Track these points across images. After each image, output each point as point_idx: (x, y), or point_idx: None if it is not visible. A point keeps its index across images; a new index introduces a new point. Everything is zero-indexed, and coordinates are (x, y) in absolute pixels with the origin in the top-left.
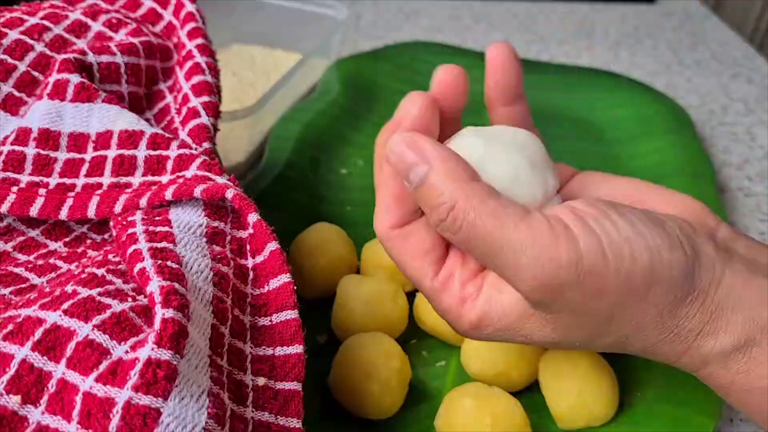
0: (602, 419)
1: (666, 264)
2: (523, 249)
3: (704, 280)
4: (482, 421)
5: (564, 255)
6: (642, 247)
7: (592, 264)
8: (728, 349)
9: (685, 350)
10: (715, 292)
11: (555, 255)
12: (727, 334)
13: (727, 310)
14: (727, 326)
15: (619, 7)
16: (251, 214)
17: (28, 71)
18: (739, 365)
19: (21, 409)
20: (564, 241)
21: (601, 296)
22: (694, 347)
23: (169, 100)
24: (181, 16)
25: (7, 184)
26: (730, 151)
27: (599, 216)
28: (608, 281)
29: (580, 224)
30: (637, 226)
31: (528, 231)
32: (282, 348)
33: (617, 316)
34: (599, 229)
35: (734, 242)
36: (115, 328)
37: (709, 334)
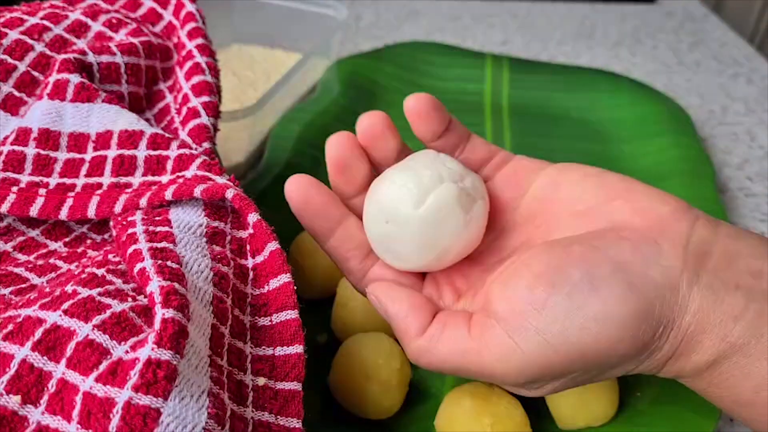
0: (602, 419)
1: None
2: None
3: (669, 310)
4: (482, 421)
5: (514, 364)
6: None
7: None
8: (701, 366)
9: (661, 369)
10: (683, 318)
11: (508, 367)
12: (698, 354)
13: (698, 333)
14: (699, 347)
15: (619, 7)
16: (251, 214)
17: (28, 71)
18: (711, 378)
19: (21, 409)
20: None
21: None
22: (667, 367)
23: (169, 100)
24: (181, 16)
25: (7, 184)
26: (730, 151)
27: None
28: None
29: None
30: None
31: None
32: (282, 348)
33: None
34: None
35: (710, 243)
36: (115, 328)
37: (680, 357)
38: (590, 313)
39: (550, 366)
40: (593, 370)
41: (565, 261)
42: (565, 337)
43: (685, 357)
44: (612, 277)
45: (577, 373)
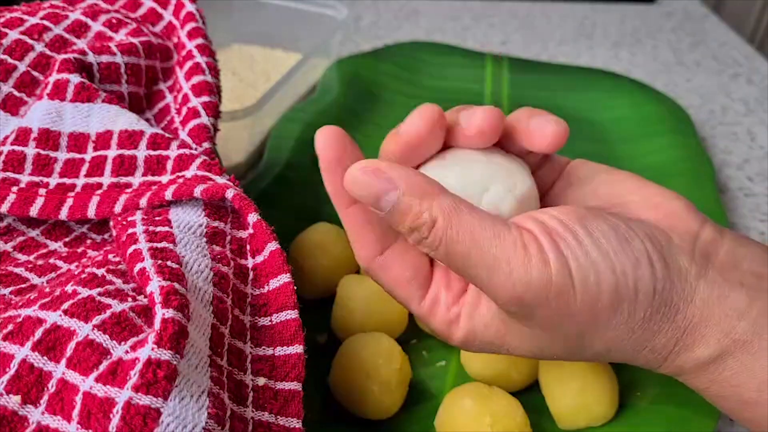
0: (602, 419)
1: (631, 284)
2: (496, 265)
3: (676, 295)
4: (482, 421)
5: (534, 276)
6: (607, 269)
7: (559, 288)
8: (703, 362)
9: (662, 361)
10: (687, 307)
11: (526, 276)
12: (702, 348)
13: (701, 326)
14: (702, 340)
15: (619, 7)
16: (251, 214)
17: (28, 71)
18: (714, 375)
19: (21, 409)
20: (535, 263)
21: (570, 316)
22: (669, 359)
23: (169, 100)
24: (181, 16)
25: (7, 184)
26: (730, 151)
27: (567, 234)
28: (575, 303)
29: (551, 245)
30: (603, 245)
31: (502, 249)
32: (282, 348)
33: (588, 334)
34: (567, 252)
35: (716, 245)
36: (115, 328)
37: (683, 349)
38: (613, 264)
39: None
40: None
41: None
42: (586, 276)
43: (688, 350)
44: (634, 241)
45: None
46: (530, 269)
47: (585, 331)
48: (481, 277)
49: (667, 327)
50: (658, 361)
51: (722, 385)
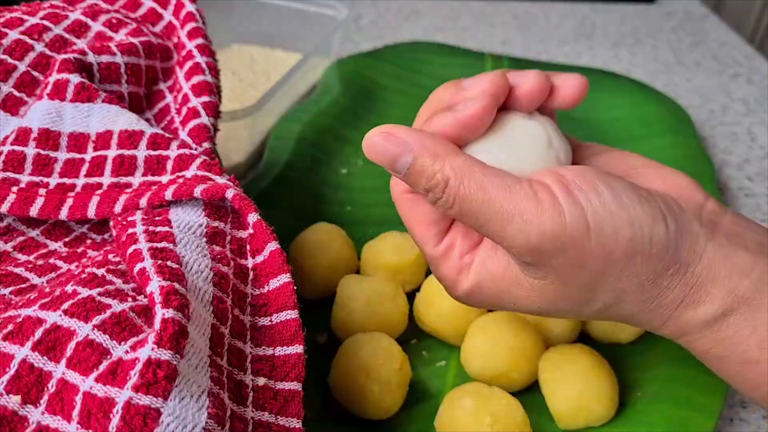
0: (602, 419)
1: (647, 238)
2: (509, 219)
3: (686, 254)
4: (482, 421)
5: (548, 225)
6: (624, 221)
7: (574, 235)
8: (707, 319)
9: (666, 319)
10: (697, 265)
11: (540, 225)
12: (707, 305)
13: (708, 283)
14: (707, 297)
15: (619, 7)
16: (251, 214)
17: (28, 71)
18: (717, 334)
19: (21, 409)
20: (549, 212)
21: (583, 265)
22: (675, 316)
23: (169, 100)
24: (181, 16)
25: (7, 184)
26: (730, 151)
27: (586, 187)
28: (590, 252)
29: (566, 195)
30: (622, 198)
31: (514, 202)
32: (282, 348)
33: (599, 284)
34: (584, 201)
35: (720, 216)
36: (115, 328)
37: (689, 305)
38: (631, 217)
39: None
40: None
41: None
42: (602, 225)
43: (693, 307)
44: (650, 201)
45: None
46: (544, 219)
47: (597, 281)
48: (495, 230)
49: (676, 283)
50: (662, 318)
51: (724, 344)
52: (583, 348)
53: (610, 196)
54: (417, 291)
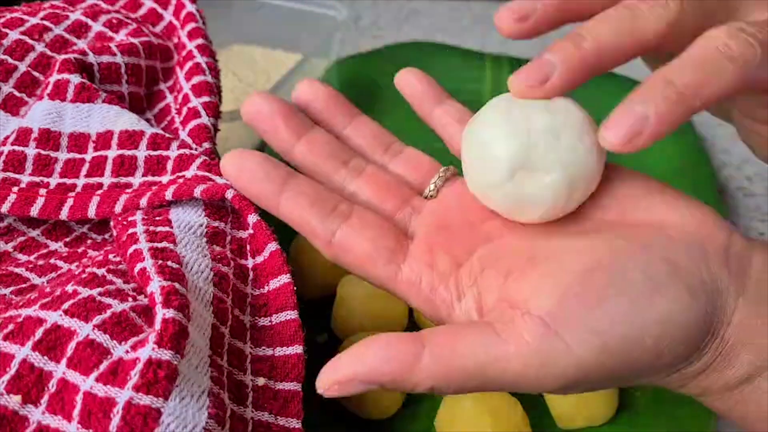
0: (602, 419)
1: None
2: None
3: (717, 321)
4: (482, 421)
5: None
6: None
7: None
8: (732, 384)
9: (687, 383)
10: (727, 329)
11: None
12: (734, 370)
13: (738, 346)
14: (735, 361)
15: None
16: (251, 214)
17: (29, 71)
18: (741, 396)
19: (21, 409)
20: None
21: (611, 381)
22: (695, 381)
23: (169, 100)
24: (182, 16)
25: (7, 184)
26: (730, 151)
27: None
28: (616, 370)
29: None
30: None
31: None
32: (282, 348)
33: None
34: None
35: (749, 260)
36: (115, 328)
37: (713, 371)
38: (655, 315)
39: (599, 370)
40: (632, 377)
41: (617, 258)
42: (624, 340)
43: (719, 372)
44: (671, 279)
45: (612, 383)
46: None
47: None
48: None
49: (704, 353)
50: (685, 382)
51: (747, 406)
52: None
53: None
54: None
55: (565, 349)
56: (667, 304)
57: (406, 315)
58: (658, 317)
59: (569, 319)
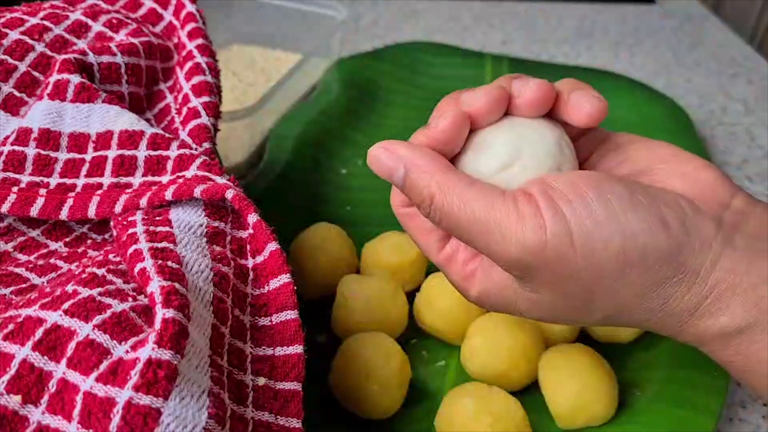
0: (602, 419)
1: (640, 248)
2: (490, 233)
3: (695, 262)
4: (482, 421)
5: (528, 238)
6: (614, 232)
7: (557, 248)
8: (728, 332)
9: (680, 329)
10: (710, 274)
11: (520, 239)
12: (727, 317)
13: (728, 293)
14: (728, 308)
15: (619, 7)
16: (251, 214)
17: (29, 71)
18: (740, 347)
19: (21, 409)
20: (529, 225)
21: (571, 278)
22: (690, 326)
23: (169, 100)
24: (182, 16)
25: (7, 184)
26: (730, 151)
27: (573, 196)
28: (576, 265)
29: (550, 209)
30: (613, 207)
31: (494, 216)
32: (282, 348)
33: (594, 296)
34: (569, 213)
35: (746, 217)
36: (115, 328)
37: (705, 315)
38: (622, 227)
39: (558, 258)
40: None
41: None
42: (588, 238)
43: (712, 317)
44: (650, 206)
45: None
46: (524, 232)
47: (590, 294)
48: (480, 245)
49: (684, 292)
50: (675, 327)
51: (749, 358)
52: (583, 348)
53: (599, 205)
54: (417, 291)
55: (541, 224)
56: (635, 222)
57: (406, 315)
58: (623, 229)
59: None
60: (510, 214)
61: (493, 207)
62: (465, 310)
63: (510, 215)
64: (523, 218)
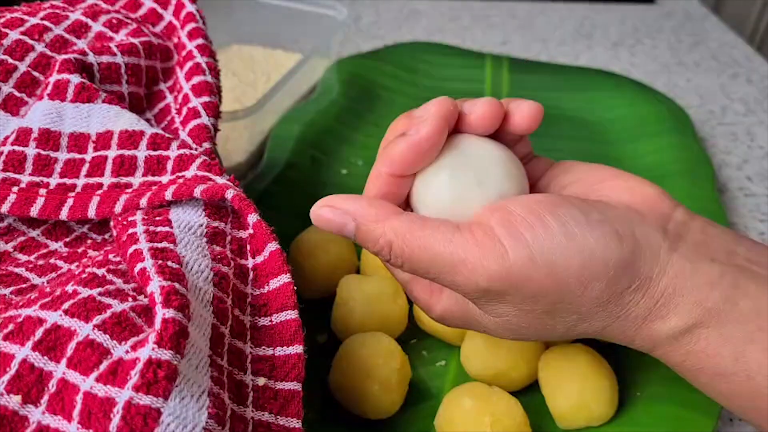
0: (602, 419)
1: (600, 263)
2: (455, 269)
3: (648, 268)
4: (482, 421)
5: (493, 268)
6: (573, 251)
7: (521, 272)
8: (677, 332)
9: (635, 334)
10: (660, 279)
11: (485, 269)
12: (675, 318)
13: (675, 296)
14: (675, 310)
15: (619, 7)
16: (251, 214)
17: (29, 71)
18: (689, 346)
19: (21, 409)
20: (492, 255)
21: (536, 298)
22: (644, 330)
23: (169, 100)
24: (182, 16)
25: (7, 184)
26: (729, 151)
27: (532, 219)
28: (541, 285)
29: (509, 234)
30: (571, 228)
31: (456, 253)
32: (282, 348)
33: (557, 311)
34: (530, 237)
35: (688, 227)
36: (115, 328)
37: (657, 319)
38: (580, 246)
39: (523, 281)
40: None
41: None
42: (551, 259)
43: (662, 321)
44: (603, 223)
45: (540, 304)
46: (488, 262)
47: (554, 309)
48: (446, 281)
49: (640, 298)
50: (631, 333)
51: (698, 356)
52: (582, 348)
53: (557, 226)
54: None
55: (502, 251)
56: (593, 239)
57: (406, 315)
58: (581, 248)
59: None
60: (471, 248)
61: (453, 244)
62: None
63: (471, 249)
64: (483, 249)
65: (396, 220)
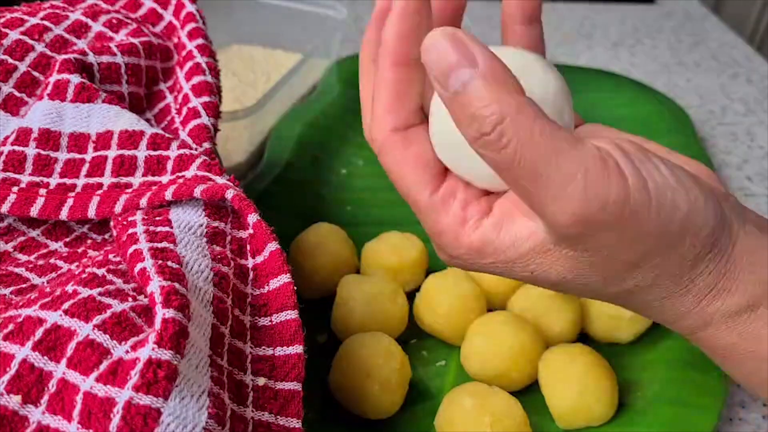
0: (602, 419)
1: (701, 217)
2: (571, 179)
3: (725, 239)
4: (482, 421)
5: (614, 192)
6: (682, 198)
7: (637, 205)
8: (734, 310)
9: (690, 309)
10: (732, 251)
11: (604, 190)
12: (736, 295)
13: (740, 271)
14: (738, 286)
15: (619, 7)
16: (251, 214)
17: (29, 71)
18: (744, 326)
19: (21, 409)
20: (615, 178)
21: (638, 240)
22: (702, 305)
23: (169, 100)
24: (182, 16)
25: (7, 184)
26: (729, 151)
27: (644, 158)
28: (648, 226)
29: (629, 162)
30: (677, 173)
31: (579, 160)
32: (282, 348)
33: (644, 262)
34: (645, 172)
35: (742, 207)
36: (115, 328)
37: (718, 294)
38: (687, 195)
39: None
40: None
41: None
42: (665, 195)
43: (723, 296)
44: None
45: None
46: (609, 183)
47: (643, 259)
48: (546, 190)
49: (711, 269)
50: (685, 308)
51: (750, 337)
52: (583, 348)
53: (667, 170)
54: (417, 291)
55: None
56: (697, 190)
57: (406, 315)
58: (688, 197)
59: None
60: (596, 161)
61: (577, 150)
62: (465, 310)
63: (596, 161)
64: (608, 168)
65: (522, 97)
